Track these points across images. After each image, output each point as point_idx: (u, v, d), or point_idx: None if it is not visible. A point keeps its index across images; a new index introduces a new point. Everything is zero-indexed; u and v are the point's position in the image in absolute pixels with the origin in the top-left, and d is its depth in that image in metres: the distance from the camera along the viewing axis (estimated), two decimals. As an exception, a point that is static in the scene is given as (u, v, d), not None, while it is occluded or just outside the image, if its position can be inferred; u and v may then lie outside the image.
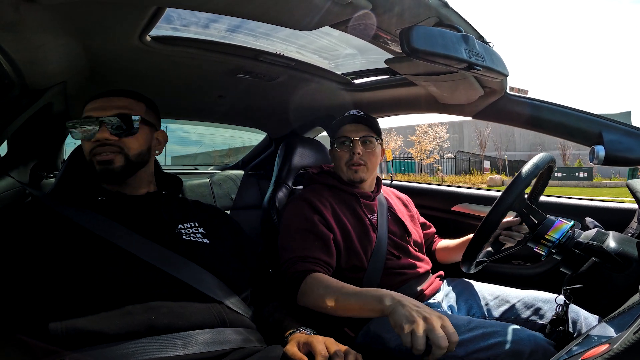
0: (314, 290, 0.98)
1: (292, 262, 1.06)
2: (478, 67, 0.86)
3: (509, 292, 1.16)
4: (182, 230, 0.89)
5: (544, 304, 1.07)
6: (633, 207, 1.22)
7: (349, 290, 0.93)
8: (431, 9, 0.81)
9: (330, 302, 0.93)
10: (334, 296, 0.93)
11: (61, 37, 0.87)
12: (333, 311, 0.94)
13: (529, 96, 1.28)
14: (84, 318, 0.65)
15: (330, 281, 0.99)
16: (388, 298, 0.81)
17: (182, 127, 2.44)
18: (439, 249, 1.38)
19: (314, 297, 0.97)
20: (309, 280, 1.00)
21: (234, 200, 1.93)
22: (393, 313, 0.78)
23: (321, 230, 1.11)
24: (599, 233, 0.84)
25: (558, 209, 1.36)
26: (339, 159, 1.24)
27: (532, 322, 1.05)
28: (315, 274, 1.01)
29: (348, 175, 1.24)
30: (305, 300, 0.99)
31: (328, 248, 1.10)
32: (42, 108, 1.12)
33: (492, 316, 1.13)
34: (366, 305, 0.86)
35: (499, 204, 0.89)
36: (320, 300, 0.95)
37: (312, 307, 0.98)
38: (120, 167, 0.87)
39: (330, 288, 0.96)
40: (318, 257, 1.06)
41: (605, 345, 0.53)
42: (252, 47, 1.12)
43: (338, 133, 1.26)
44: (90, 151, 0.87)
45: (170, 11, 0.89)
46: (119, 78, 1.18)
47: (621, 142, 1.11)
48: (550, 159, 0.94)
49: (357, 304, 0.88)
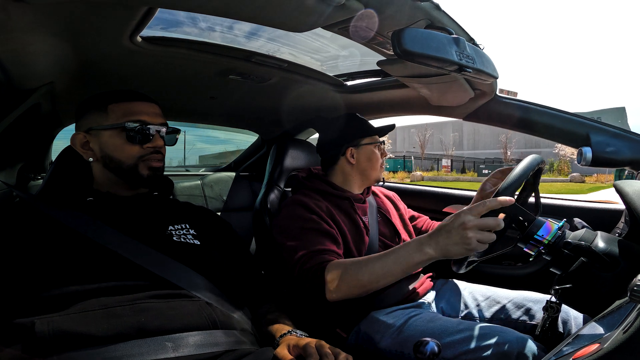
0: (343, 274, 0.93)
1: (306, 258, 1.01)
2: (469, 70, 0.87)
3: (500, 293, 1.17)
4: (172, 232, 0.88)
5: (534, 304, 1.09)
6: (620, 207, 1.24)
7: (377, 257, 0.91)
8: (423, 11, 0.82)
9: (366, 279, 0.90)
10: (367, 269, 0.90)
11: (50, 37, 0.86)
12: (372, 286, 0.91)
13: (518, 98, 1.30)
14: (71, 320, 0.64)
15: (352, 260, 0.96)
16: (423, 243, 0.84)
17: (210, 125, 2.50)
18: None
19: (346, 282, 0.92)
20: (331, 269, 0.95)
21: (225, 202, 1.92)
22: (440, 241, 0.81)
23: (324, 226, 1.09)
24: (587, 233, 0.85)
25: (547, 209, 1.38)
26: (377, 160, 1.29)
27: (523, 323, 1.07)
28: (333, 261, 0.98)
29: (379, 176, 1.32)
30: (337, 290, 0.93)
31: (335, 240, 1.08)
32: (29, 109, 1.10)
33: (483, 317, 1.14)
34: (405, 260, 0.87)
35: None
36: (355, 280, 0.91)
37: (347, 294, 0.93)
38: (161, 173, 0.93)
39: (358, 264, 0.93)
40: (329, 248, 1.04)
41: (595, 344, 0.53)
42: (244, 49, 1.11)
43: (375, 137, 1.31)
44: (141, 156, 0.88)
45: (162, 11, 0.88)
46: (110, 79, 1.17)
47: (608, 144, 1.13)
48: (540, 160, 0.95)
49: (394, 266, 0.88)
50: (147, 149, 0.89)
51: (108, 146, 0.88)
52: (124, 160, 0.88)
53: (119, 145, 0.87)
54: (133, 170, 0.88)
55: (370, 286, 0.91)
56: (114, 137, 0.87)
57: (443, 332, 0.94)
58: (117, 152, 0.87)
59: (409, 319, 1.03)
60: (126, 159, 0.88)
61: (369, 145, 1.28)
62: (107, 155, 0.88)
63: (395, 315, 1.07)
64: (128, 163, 0.88)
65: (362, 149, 1.28)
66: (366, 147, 1.28)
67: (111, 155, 0.88)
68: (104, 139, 0.88)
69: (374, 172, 1.29)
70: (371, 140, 1.29)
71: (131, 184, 0.90)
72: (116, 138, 0.87)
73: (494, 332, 0.90)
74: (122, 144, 0.87)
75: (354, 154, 1.27)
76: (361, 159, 1.28)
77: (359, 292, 0.93)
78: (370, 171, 1.28)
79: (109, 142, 0.88)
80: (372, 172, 1.29)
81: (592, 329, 0.65)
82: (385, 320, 1.05)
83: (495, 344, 0.87)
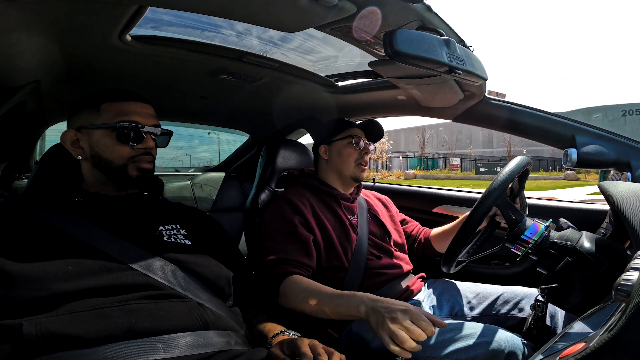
0: (293, 293, 1.00)
1: (273, 264, 1.06)
2: (458, 71, 0.88)
3: (489, 289, 1.19)
4: (163, 232, 0.87)
5: (522, 298, 1.11)
6: (605, 208, 1.27)
7: (327, 294, 0.94)
8: (415, 13, 0.82)
9: (309, 306, 0.95)
10: (312, 299, 0.95)
11: (36, 35, 0.84)
12: (313, 314, 0.95)
13: (506, 100, 1.32)
14: (59, 321, 0.63)
15: (308, 284, 1.00)
16: (362, 305, 0.85)
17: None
18: (434, 237, 1.36)
19: (293, 300, 0.99)
20: (287, 283, 1.02)
21: (215, 203, 1.91)
22: (368, 320, 0.82)
23: (301, 232, 1.12)
24: (572, 233, 0.87)
25: (534, 210, 1.40)
26: (349, 155, 1.27)
27: (513, 317, 1.10)
28: (294, 276, 1.03)
29: (354, 173, 1.28)
30: (285, 302, 1.01)
31: (308, 250, 1.11)
32: (14, 107, 1.08)
33: (474, 313, 1.15)
34: (343, 310, 0.89)
35: (482, 202, 0.92)
36: (299, 303, 0.97)
37: (292, 309, 1.00)
38: (151, 175, 0.92)
39: (307, 291, 0.97)
40: (297, 259, 1.07)
41: (581, 343, 0.54)
42: (235, 48, 1.11)
43: (347, 132, 1.29)
44: (131, 157, 0.87)
45: (152, 10, 0.87)
46: (98, 78, 1.15)
47: (593, 145, 1.16)
48: (526, 162, 0.97)
49: (334, 309, 0.91)
50: (137, 149, 0.88)
51: (98, 145, 0.87)
52: (114, 160, 0.86)
53: (109, 145, 0.86)
54: (122, 171, 0.87)
55: (315, 313, 0.96)
56: (105, 137, 0.86)
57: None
58: (107, 152, 0.86)
59: None
60: (116, 159, 0.86)
61: (340, 140, 1.29)
62: (96, 155, 0.87)
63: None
64: (117, 163, 0.87)
65: (334, 145, 1.29)
66: (337, 143, 1.29)
67: (101, 155, 0.87)
68: (95, 138, 0.87)
69: (345, 167, 1.27)
70: (343, 135, 1.28)
71: (119, 185, 0.89)
72: (107, 138, 0.86)
73: (484, 332, 0.91)
74: (112, 143, 0.86)
75: (327, 151, 1.31)
76: (333, 155, 1.29)
77: (305, 312, 0.98)
78: (342, 167, 1.27)
79: (100, 142, 0.86)
80: (344, 167, 1.27)
81: (578, 328, 0.66)
82: None
83: (485, 342, 0.88)
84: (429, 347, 0.93)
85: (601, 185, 0.83)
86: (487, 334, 0.90)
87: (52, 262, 0.70)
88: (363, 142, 1.29)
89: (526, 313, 1.08)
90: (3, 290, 0.65)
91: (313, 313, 0.95)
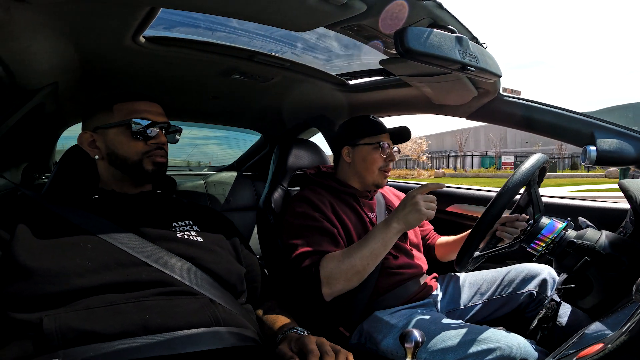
0: (338, 264, 1.02)
1: (303, 257, 1.05)
2: (472, 68, 0.87)
3: (493, 273, 1.23)
4: (176, 228, 0.89)
5: (529, 272, 1.17)
6: (625, 206, 1.23)
7: (359, 242, 1.05)
8: (425, 10, 0.81)
9: (359, 259, 1.01)
10: (357, 253, 1.01)
11: (52, 38, 0.86)
12: (366, 265, 1.02)
13: (522, 97, 1.29)
14: (77, 317, 0.65)
15: (341, 251, 1.05)
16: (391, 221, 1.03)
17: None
18: (439, 245, 1.38)
19: (342, 271, 1.01)
20: (324, 263, 1.03)
21: (228, 202, 1.92)
22: (409, 219, 1.02)
23: (326, 226, 1.11)
24: (591, 232, 0.84)
25: (551, 208, 1.37)
26: (373, 162, 1.23)
27: (522, 294, 1.15)
28: (325, 257, 1.04)
29: (377, 180, 1.24)
30: (334, 282, 1.02)
31: (336, 242, 1.10)
32: (33, 108, 1.10)
33: (485, 299, 1.19)
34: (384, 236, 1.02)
35: (499, 199, 0.90)
36: (349, 266, 1.01)
37: (344, 285, 1.03)
38: (165, 170, 0.96)
39: (347, 252, 1.03)
40: (326, 249, 1.06)
41: (599, 344, 0.53)
42: (246, 48, 1.11)
43: (375, 138, 1.24)
44: (146, 152, 0.91)
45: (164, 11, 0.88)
46: (112, 79, 1.17)
47: (613, 143, 1.12)
48: (544, 159, 0.95)
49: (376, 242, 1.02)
50: (151, 145, 0.91)
51: (114, 143, 0.91)
52: (129, 156, 0.90)
53: (125, 141, 0.90)
54: (138, 166, 0.91)
55: (363, 270, 1.02)
56: (119, 135, 0.90)
57: (445, 335, 0.94)
58: (123, 149, 0.90)
59: (412, 319, 1.03)
60: (131, 155, 0.90)
61: (366, 145, 1.24)
62: (112, 152, 0.91)
63: (398, 315, 1.07)
64: (133, 159, 0.90)
65: (359, 148, 1.25)
66: (363, 147, 1.24)
67: (117, 152, 0.90)
68: (110, 136, 0.91)
69: (368, 174, 1.23)
70: (370, 141, 1.24)
71: (136, 180, 0.93)
72: (121, 135, 0.90)
73: (496, 337, 0.90)
74: (127, 140, 0.90)
75: (350, 153, 1.26)
76: (356, 159, 1.25)
77: (354, 278, 1.02)
78: (365, 173, 1.24)
79: (115, 139, 0.91)
80: (367, 174, 1.24)
81: (596, 329, 0.64)
82: (389, 321, 1.05)
83: (497, 349, 0.87)
84: (438, 351, 0.92)
85: (621, 183, 0.81)
86: (500, 339, 0.89)
87: (70, 257, 0.72)
88: (389, 149, 1.25)
89: (534, 285, 1.14)
90: (23, 285, 0.67)
91: (364, 269, 1.02)
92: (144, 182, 0.94)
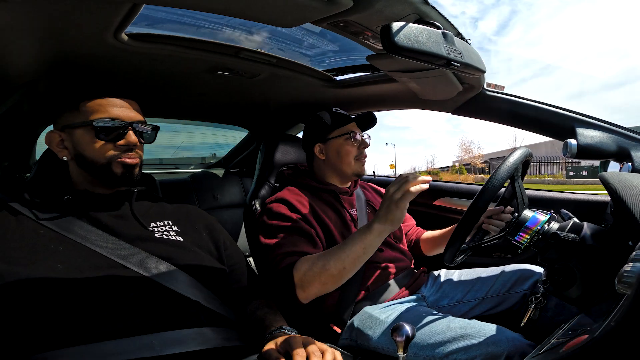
0: (312, 267, 0.97)
1: (279, 259, 1.04)
2: (456, 64, 0.88)
3: (488, 271, 1.22)
4: (154, 229, 0.87)
5: (522, 272, 1.16)
6: (606, 199, 1.27)
7: (339, 245, 0.98)
8: (411, 6, 0.81)
9: (334, 262, 0.95)
10: (333, 257, 0.96)
11: (30, 35, 0.83)
12: (342, 270, 0.96)
13: (505, 92, 1.32)
14: (55, 320, 0.64)
15: (317, 255, 0.99)
16: (373, 223, 0.94)
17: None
18: (424, 240, 1.39)
19: (316, 274, 0.96)
20: (298, 266, 0.99)
21: (216, 199, 1.91)
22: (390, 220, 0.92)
23: (303, 225, 1.10)
24: (574, 224, 0.86)
25: (534, 201, 1.40)
26: (348, 153, 1.23)
27: (514, 293, 1.14)
28: (299, 260, 1.00)
29: (355, 169, 1.25)
30: (308, 286, 0.97)
31: (314, 242, 1.09)
32: (11, 108, 1.07)
33: (479, 296, 1.17)
34: (363, 239, 0.95)
35: (484, 192, 0.91)
36: (324, 270, 0.96)
37: (319, 290, 0.98)
38: (138, 173, 0.89)
39: (323, 255, 0.98)
40: (303, 250, 1.05)
41: (584, 335, 0.54)
42: (232, 45, 1.10)
43: (344, 129, 1.24)
44: (114, 153, 0.85)
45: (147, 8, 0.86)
46: (95, 77, 1.14)
47: (593, 136, 1.15)
48: (528, 153, 0.97)
49: (356, 245, 0.95)
50: (119, 146, 0.86)
51: (80, 144, 0.85)
52: (96, 158, 0.85)
53: (90, 143, 0.85)
54: (106, 169, 0.85)
55: (339, 274, 0.96)
56: (85, 135, 0.85)
57: (434, 329, 0.95)
58: (89, 151, 0.85)
59: (402, 314, 1.04)
60: (98, 158, 0.85)
61: (337, 138, 1.24)
62: (80, 154, 0.86)
63: (388, 310, 1.08)
64: (101, 161, 0.85)
65: (330, 143, 1.25)
66: (334, 141, 1.24)
67: (84, 154, 0.85)
68: (76, 137, 0.86)
69: (345, 166, 1.24)
70: (340, 133, 1.24)
71: (106, 183, 0.88)
72: (87, 136, 0.85)
73: (484, 331, 0.91)
74: (92, 141, 0.85)
75: (322, 149, 1.27)
76: (330, 154, 1.25)
77: (329, 282, 0.97)
78: (342, 165, 1.24)
79: (81, 140, 0.85)
80: (344, 166, 1.24)
81: (582, 320, 0.66)
82: (378, 317, 1.05)
83: (485, 343, 0.88)
84: (428, 346, 0.93)
85: (602, 176, 0.83)
86: (488, 333, 0.89)
87: (41, 260, 0.70)
88: (360, 136, 1.26)
89: (529, 285, 1.13)
90: None
91: (340, 274, 0.96)
92: (114, 185, 0.88)
